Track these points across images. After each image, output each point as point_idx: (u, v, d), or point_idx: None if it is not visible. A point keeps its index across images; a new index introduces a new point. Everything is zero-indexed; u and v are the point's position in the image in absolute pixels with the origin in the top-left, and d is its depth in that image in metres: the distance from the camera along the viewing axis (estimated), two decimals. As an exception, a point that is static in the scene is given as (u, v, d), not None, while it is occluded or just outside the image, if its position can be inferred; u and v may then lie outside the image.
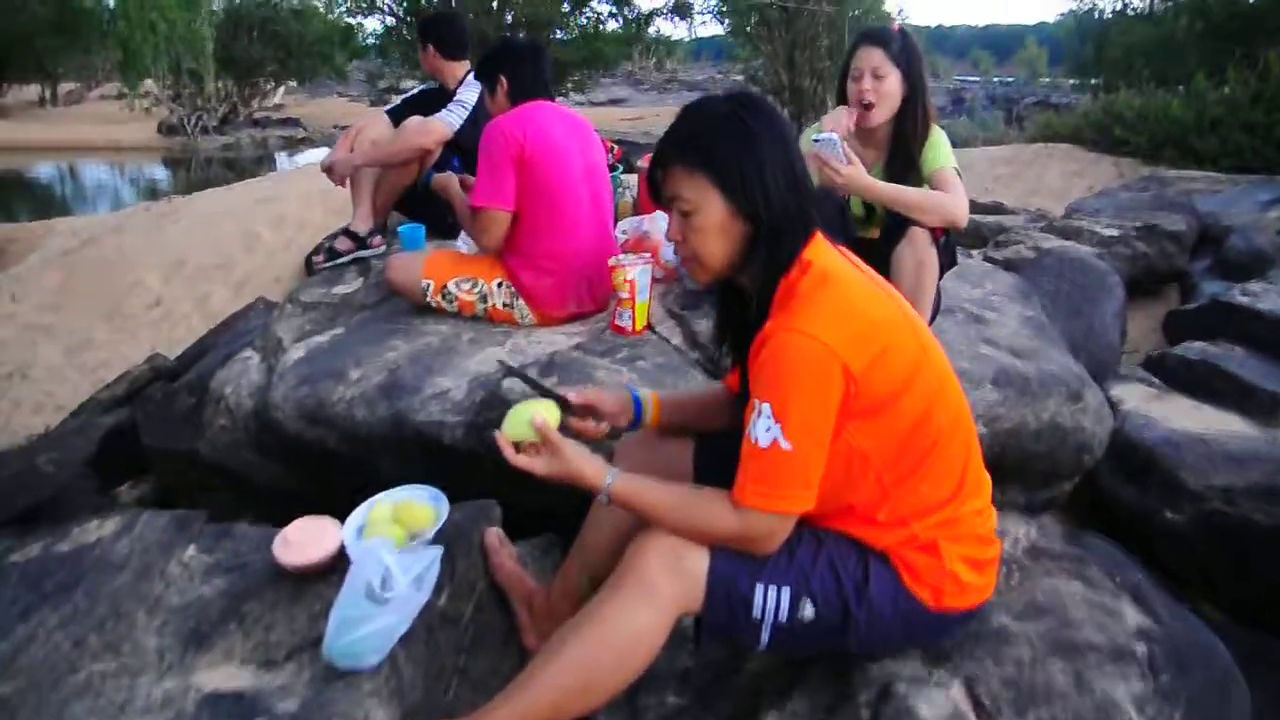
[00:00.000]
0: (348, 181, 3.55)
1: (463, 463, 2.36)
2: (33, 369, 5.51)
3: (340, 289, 3.40)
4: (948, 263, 2.64)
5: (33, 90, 24.26)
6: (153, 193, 15.38)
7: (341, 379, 2.62)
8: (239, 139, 19.75)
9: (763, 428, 1.40)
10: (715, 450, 1.74)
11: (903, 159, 2.64)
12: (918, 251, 2.47)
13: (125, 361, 5.41)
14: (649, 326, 2.85)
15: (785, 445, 1.38)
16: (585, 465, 1.50)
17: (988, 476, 1.59)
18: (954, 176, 2.56)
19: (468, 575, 1.88)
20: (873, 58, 2.58)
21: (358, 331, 3.01)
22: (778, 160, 1.46)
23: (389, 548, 1.65)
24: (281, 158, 18.27)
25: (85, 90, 24.82)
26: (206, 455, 2.95)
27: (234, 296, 5.79)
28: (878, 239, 2.61)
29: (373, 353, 2.75)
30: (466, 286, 2.92)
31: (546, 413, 1.56)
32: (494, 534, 1.97)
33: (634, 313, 2.78)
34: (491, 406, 2.35)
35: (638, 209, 3.71)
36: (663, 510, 1.46)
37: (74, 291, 6.10)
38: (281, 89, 23.73)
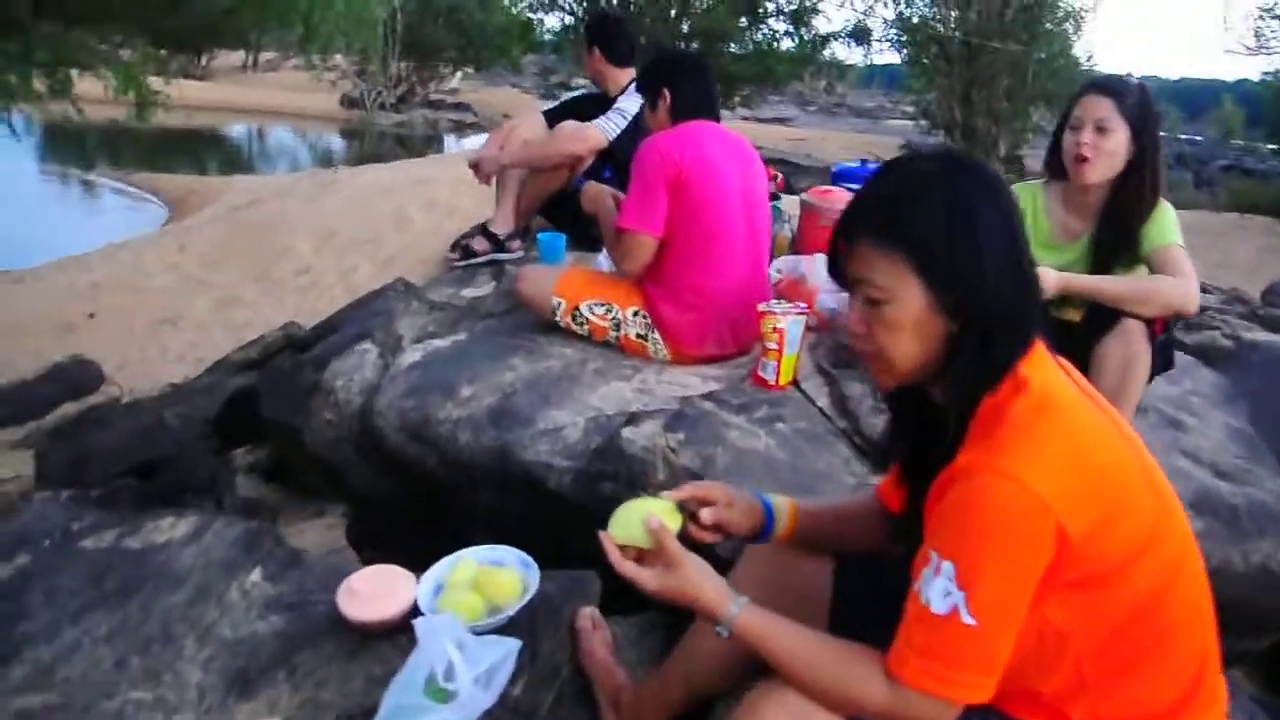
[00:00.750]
0: (493, 180, 3.35)
1: (567, 512, 2.09)
2: (183, 319, 5.59)
3: (470, 292, 3.20)
4: (1162, 364, 2.20)
5: (237, 57, 25.72)
6: (327, 159, 15.95)
7: (451, 395, 2.40)
8: (412, 118, 20.29)
9: (939, 590, 1.06)
10: (860, 576, 1.41)
11: (1116, 232, 2.22)
12: (1129, 346, 2.05)
13: (267, 324, 5.42)
14: (794, 382, 2.52)
15: (968, 619, 1.04)
16: (706, 588, 1.20)
17: (1224, 685, 1.20)
18: (1183, 256, 2.13)
19: (551, 660, 1.60)
20: (1099, 108, 2.17)
21: (480, 342, 2.78)
22: (999, 243, 1.11)
23: (457, 630, 1.38)
24: (449, 140, 18.67)
25: (282, 59, 26.09)
26: (309, 444, 2.79)
27: (378, 273, 5.74)
28: (1078, 323, 2.20)
29: (490, 370, 2.52)
30: (600, 311, 2.66)
31: (665, 516, 1.27)
32: (588, 615, 1.69)
33: (779, 365, 2.46)
34: (607, 458, 2.07)
35: (796, 246, 3.38)
36: (797, 663, 1.14)
37: (232, 249, 6.19)
38: (459, 75, 24.29)
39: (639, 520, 1.25)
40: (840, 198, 3.26)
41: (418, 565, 2.78)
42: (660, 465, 2.01)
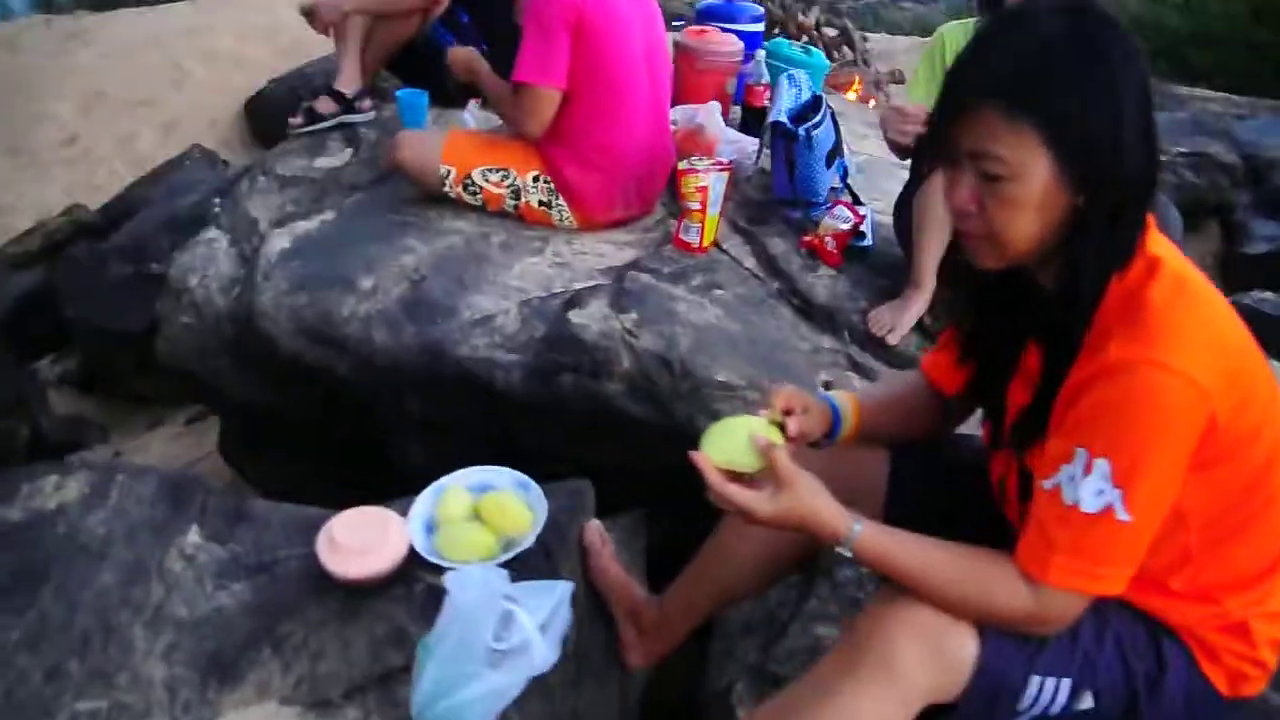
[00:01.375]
0: (331, 30, 2.86)
1: (519, 414, 1.89)
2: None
3: (324, 162, 2.77)
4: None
5: None
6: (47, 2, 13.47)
7: (351, 288, 2.08)
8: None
9: (1092, 489, 0.97)
10: (916, 465, 1.32)
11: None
12: None
13: (35, 207, 4.62)
14: (715, 244, 2.36)
15: (1123, 516, 0.97)
16: (822, 508, 1.07)
17: None
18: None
19: (568, 576, 1.44)
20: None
21: (356, 221, 2.42)
22: (1136, 111, 0.98)
23: (500, 580, 1.19)
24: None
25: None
26: (165, 357, 2.39)
27: (163, 140, 4.98)
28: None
29: (385, 254, 2.20)
30: (495, 178, 2.36)
31: (769, 435, 1.11)
32: (595, 530, 1.53)
33: (703, 227, 2.29)
34: (560, 348, 1.87)
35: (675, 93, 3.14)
36: (931, 576, 1.04)
37: (-39, 117, 5.14)
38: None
39: (744, 440, 1.09)
40: (718, 39, 3.03)
41: (327, 482, 2.50)
42: (623, 352, 1.84)
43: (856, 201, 2.51)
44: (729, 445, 1.10)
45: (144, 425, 3.49)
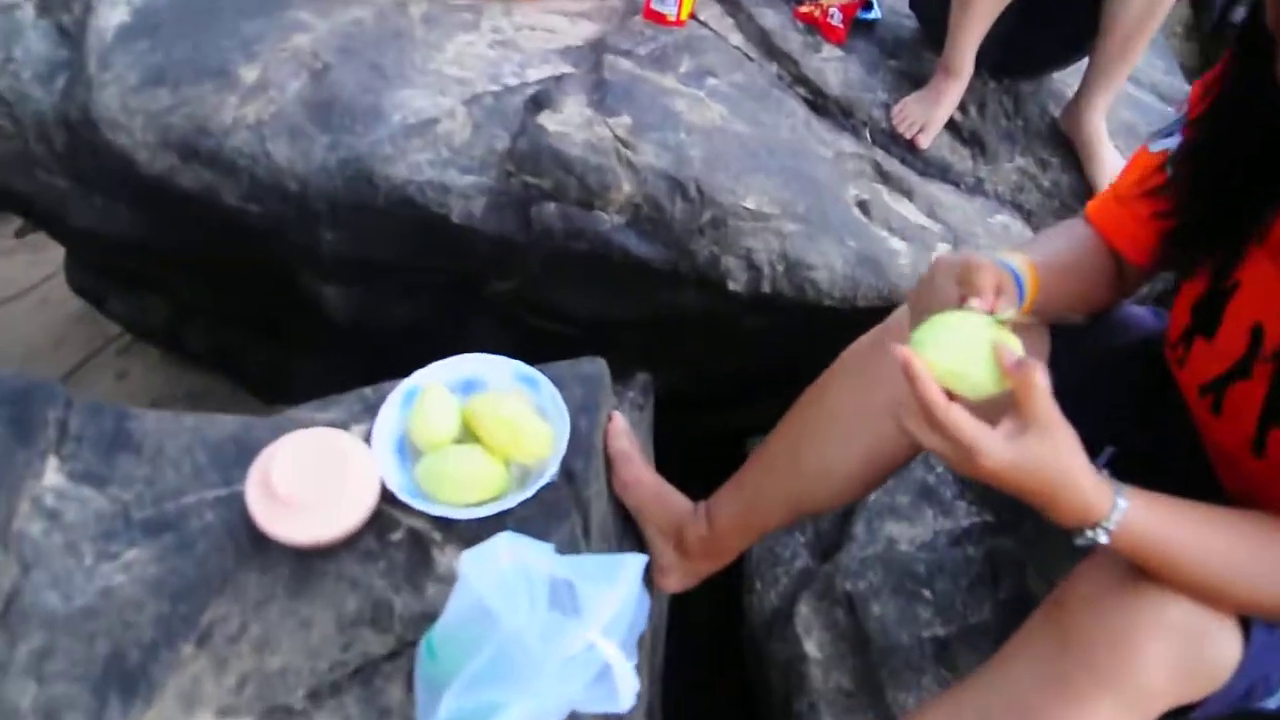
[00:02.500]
0: None
1: (479, 256, 1.42)
2: None
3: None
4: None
5: None
6: None
7: (228, 83, 1.49)
8: None
9: None
10: (1075, 357, 0.96)
11: None
12: None
13: None
14: (693, 15, 1.84)
15: None
16: (1085, 473, 0.70)
17: None
18: None
19: (581, 495, 1.06)
20: None
21: (217, -19, 1.77)
22: None
23: (547, 555, 0.80)
24: None
25: None
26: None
27: None
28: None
29: (267, 32, 1.59)
30: (406, -80, 1.73)
31: (1010, 344, 0.71)
32: (623, 432, 1.14)
33: (683, -6, 1.76)
34: (534, 166, 1.37)
35: None
36: (1212, 564, 0.71)
37: None
38: None
39: (983, 349, 0.70)
40: None
41: (224, 329, 1.99)
42: (620, 171, 1.36)
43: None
44: (958, 353, 0.71)
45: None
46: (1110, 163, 1.76)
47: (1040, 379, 0.68)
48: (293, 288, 1.65)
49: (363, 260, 1.50)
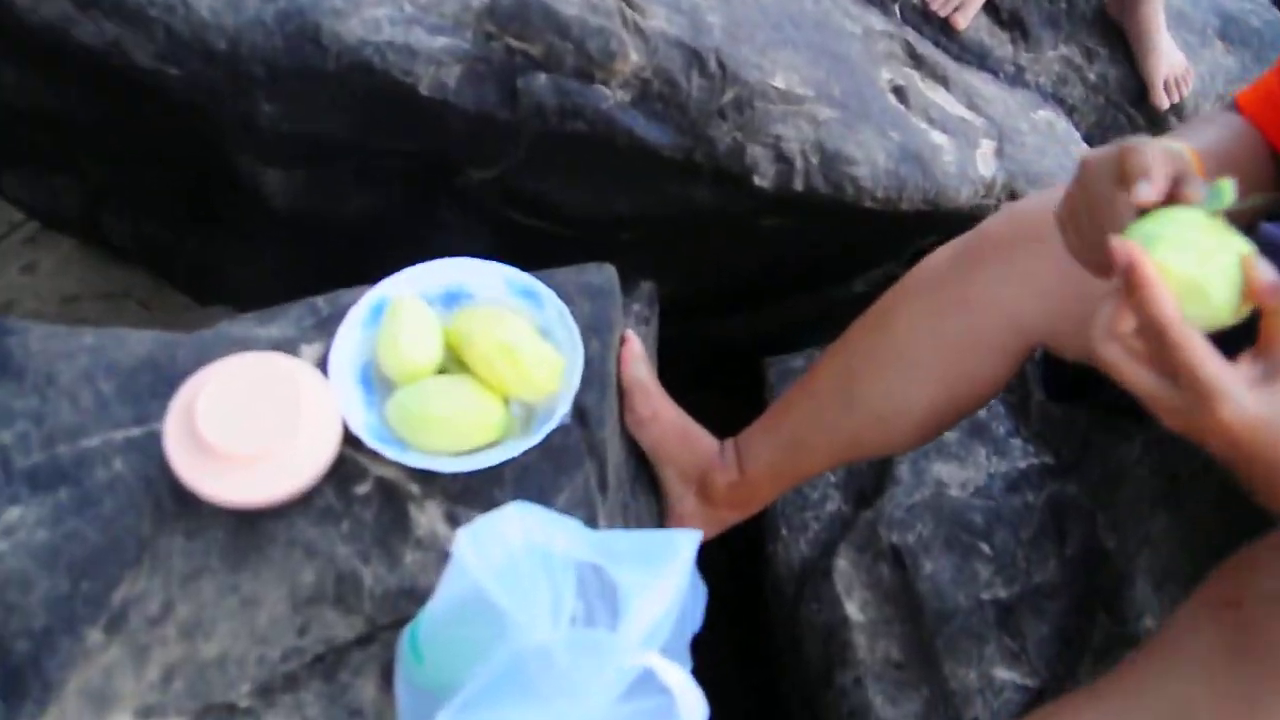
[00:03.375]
0: None
1: (460, 138, 1.16)
2: None
3: None
4: None
5: None
6: None
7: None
8: None
9: None
10: None
11: None
12: None
13: None
14: None
15: None
16: None
17: None
18: None
19: (587, 435, 0.86)
20: None
21: None
22: None
23: (573, 533, 0.60)
24: None
25: None
26: None
27: None
28: None
29: None
30: None
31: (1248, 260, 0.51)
32: (639, 358, 0.92)
33: None
34: (521, 28, 1.11)
35: None
36: None
37: None
38: None
39: (1229, 260, 0.51)
40: None
41: (149, 214, 1.71)
42: (627, 37, 1.11)
43: None
44: (1202, 261, 0.50)
45: None
46: (1168, 55, 1.55)
47: None
48: (228, 170, 1.38)
49: (311, 138, 1.24)
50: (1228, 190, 0.54)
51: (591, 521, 0.77)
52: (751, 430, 0.94)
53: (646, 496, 0.96)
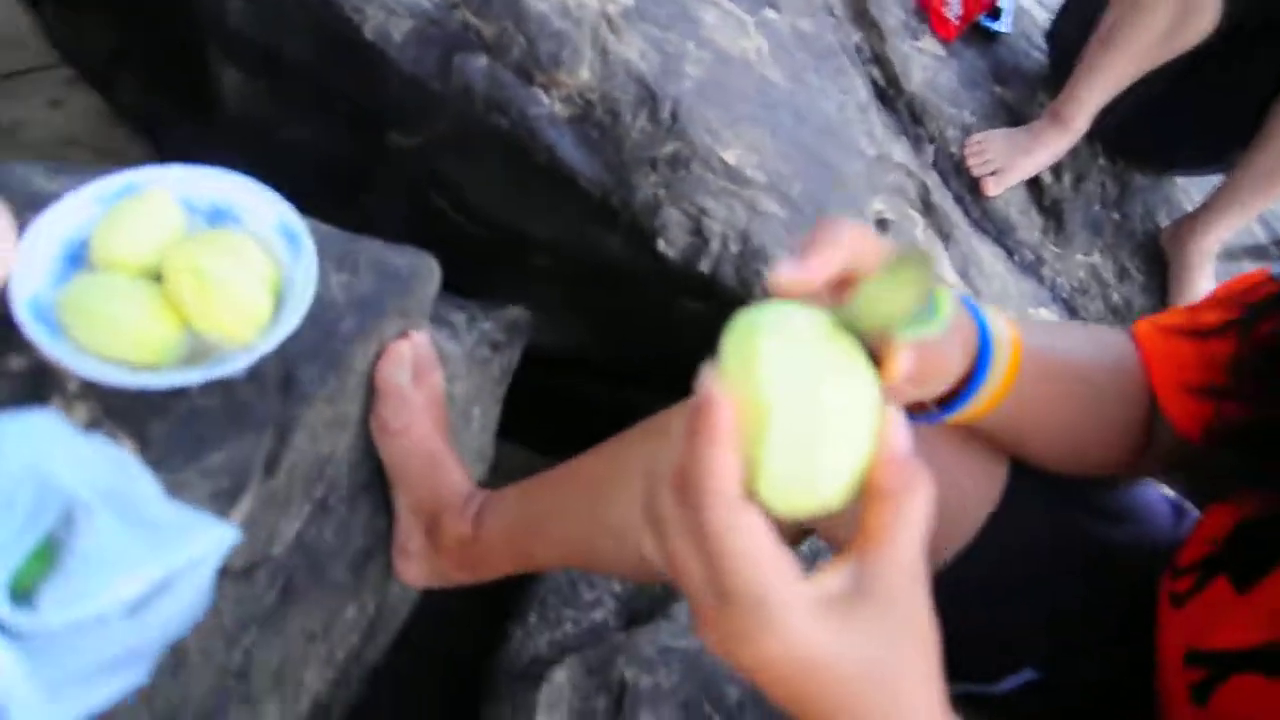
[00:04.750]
0: None
1: (392, 96, 1.09)
2: None
3: None
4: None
5: None
6: None
7: None
8: None
9: None
10: (1040, 521, 0.63)
11: None
12: None
13: None
14: (794, -60, 1.49)
15: None
16: (925, 699, 0.37)
17: None
18: None
19: (319, 440, 0.75)
20: None
21: None
22: None
23: (103, 479, 0.50)
24: None
25: None
26: None
27: None
28: None
29: None
30: None
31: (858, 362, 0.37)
32: (404, 360, 0.81)
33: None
34: (484, 9, 1.04)
35: None
36: None
37: None
38: None
39: (864, 407, 0.36)
40: None
41: (137, 69, 1.71)
42: (587, 50, 1.03)
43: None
44: (810, 418, 0.36)
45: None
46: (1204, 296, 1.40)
47: (918, 504, 0.35)
48: (201, 64, 1.35)
49: (268, 49, 1.19)
50: (944, 307, 0.40)
51: (235, 495, 0.66)
52: (504, 492, 0.81)
53: (373, 515, 0.85)
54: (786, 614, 0.34)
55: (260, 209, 0.74)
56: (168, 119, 1.73)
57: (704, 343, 0.39)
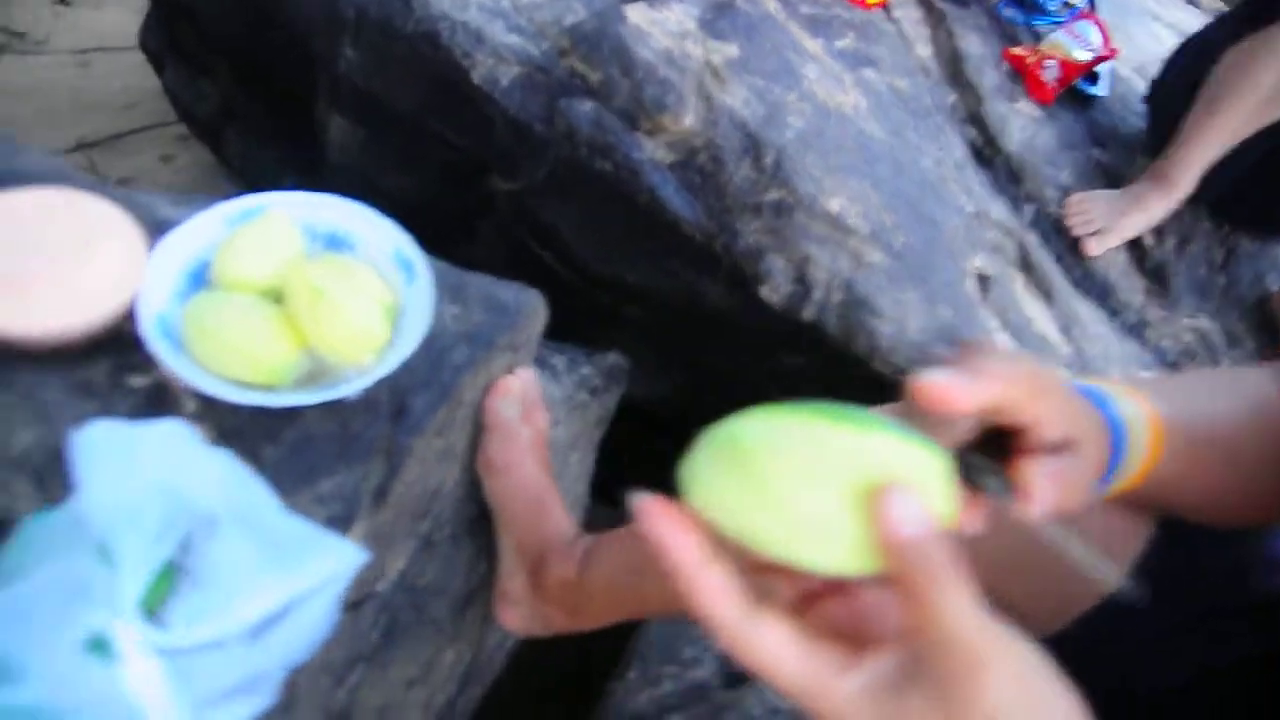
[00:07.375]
0: None
1: (496, 140, 1.10)
2: None
3: None
4: None
5: None
6: None
7: None
8: None
9: None
10: (1186, 577, 0.57)
11: None
12: None
13: None
14: (885, 4, 1.49)
15: None
16: None
17: None
18: None
19: (423, 474, 0.73)
20: None
21: None
22: None
23: (235, 500, 0.48)
24: None
25: None
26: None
27: None
28: None
29: None
30: None
31: (924, 477, 0.33)
32: (516, 397, 0.79)
33: (886, -30, 1.42)
34: (592, 53, 1.05)
35: None
36: None
37: None
38: None
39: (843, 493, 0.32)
40: None
41: (244, 125, 1.76)
42: (691, 97, 1.03)
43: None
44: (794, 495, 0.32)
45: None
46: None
47: (951, 584, 0.31)
48: (309, 111, 1.39)
49: (375, 97, 1.21)
50: (941, 477, 0.34)
51: (346, 523, 0.64)
52: (610, 536, 0.78)
53: (476, 558, 0.82)
54: (829, 706, 0.32)
55: (377, 237, 0.74)
56: (273, 171, 1.78)
57: (801, 400, 0.36)
